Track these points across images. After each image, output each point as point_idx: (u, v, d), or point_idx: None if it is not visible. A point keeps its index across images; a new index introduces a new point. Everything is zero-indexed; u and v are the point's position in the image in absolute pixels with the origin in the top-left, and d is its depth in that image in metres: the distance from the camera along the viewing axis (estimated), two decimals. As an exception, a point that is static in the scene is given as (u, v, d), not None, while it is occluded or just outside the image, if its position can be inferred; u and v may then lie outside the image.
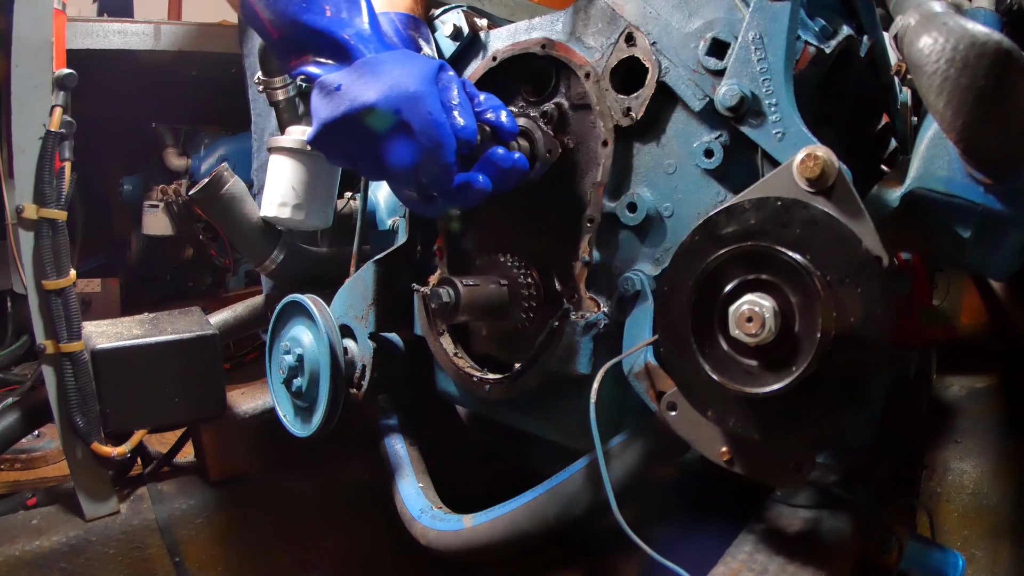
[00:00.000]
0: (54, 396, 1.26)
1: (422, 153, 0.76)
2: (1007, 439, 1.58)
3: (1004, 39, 0.62)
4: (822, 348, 0.60)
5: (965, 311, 1.74)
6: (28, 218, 1.21)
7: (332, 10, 0.79)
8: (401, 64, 0.77)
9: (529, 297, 0.96)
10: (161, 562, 1.33)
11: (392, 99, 0.74)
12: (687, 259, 0.69)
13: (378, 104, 0.74)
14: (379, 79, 0.75)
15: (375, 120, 0.76)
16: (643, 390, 0.80)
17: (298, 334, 1.14)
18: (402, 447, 1.19)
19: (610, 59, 0.87)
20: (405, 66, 0.77)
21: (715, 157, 0.79)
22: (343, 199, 1.42)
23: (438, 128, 0.76)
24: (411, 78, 0.75)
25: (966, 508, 1.52)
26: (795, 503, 1.05)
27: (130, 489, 1.40)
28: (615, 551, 1.47)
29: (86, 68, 1.30)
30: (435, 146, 0.76)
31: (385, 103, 0.74)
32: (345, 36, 0.79)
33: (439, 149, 0.76)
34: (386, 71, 0.76)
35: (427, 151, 0.76)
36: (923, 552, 1.07)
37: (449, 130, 0.77)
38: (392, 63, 0.77)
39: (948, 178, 0.75)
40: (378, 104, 0.74)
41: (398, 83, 0.75)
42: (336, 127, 0.77)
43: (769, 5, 0.72)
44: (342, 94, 0.76)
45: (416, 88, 0.75)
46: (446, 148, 0.77)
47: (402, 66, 0.77)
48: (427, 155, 0.76)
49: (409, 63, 0.78)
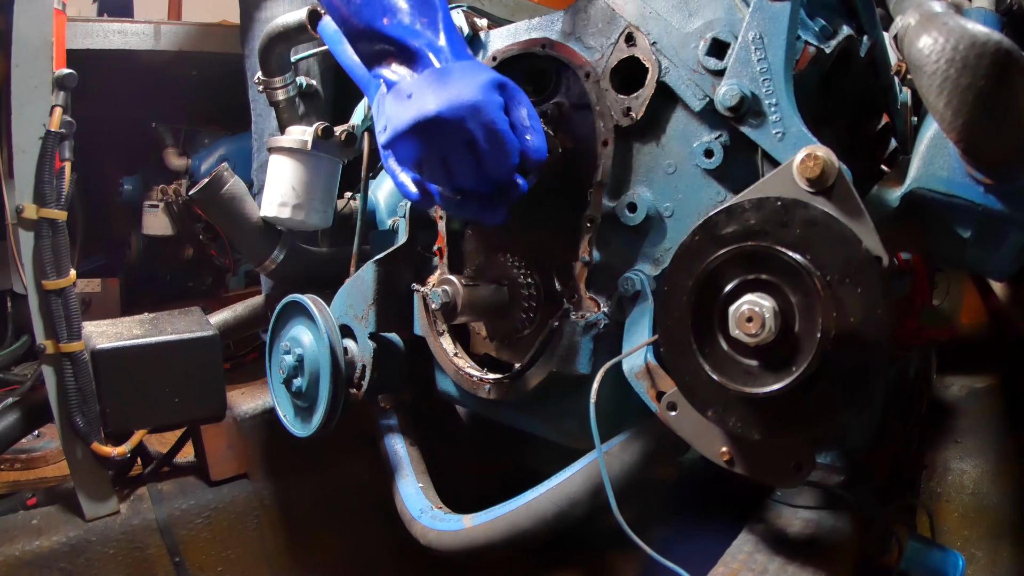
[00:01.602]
0: (54, 396, 1.26)
1: (484, 160, 0.80)
2: (1007, 439, 1.58)
3: (1004, 39, 0.62)
4: (822, 348, 0.60)
5: (965, 311, 1.74)
6: (28, 218, 1.21)
7: (409, 18, 0.80)
8: (468, 75, 0.79)
9: (529, 297, 0.96)
10: (161, 562, 1.33)
11: (456, 109, 0.77)
12: (687, 259, 0.69)
13: (443, 114, 0.77)
14: (446, 89, 0.77)
15: (441, 129, 0.78)
16: (643, 390, 0.80)
17: (298, 334, 1.14)
18: (402, 447, 1.19)
19: (610, 59, 0.87)
20: (471, 77, 0.78)
21: (715, 157, 0.79)
22: (343, 199, 1.42)
23: (502, 136, 0.78)
24: (475, 89, 0.77)
25: (966, 508, 1.51)
26: (795, 503, 1.05)
27: (130, 489, 1.40)
28: (615, 551, 1.47)
29: (86, 68, 1.30)
30: (497, 153, 0.79)
31: (449, 113, 0.77)
32: (416, 45, 0.80)
33: (501, 157, 0.79)
34: (453, 82, 0.78)
35: (489, 158, 0.79)
36: (923, 552, 1.07)
37: (511, 138, 0.79)
38: (460, 73, 0.79)
39: (948, 178, 0.74)
40: (443, 114, 0.77)
41: (462, 93, 0.77)
42: (405, 135, 0.80)
43: (769, 5, 0.72)
44: (411, 103, 0.79)
45: (480, 98, 0.77)
46: (508, 156, 0.80)
47: (469, 77, 0.78)
48: (490, 162, 0.80)
49: (475, 74, 0.79)
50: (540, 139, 0.83)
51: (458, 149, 0.79)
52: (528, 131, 0.82)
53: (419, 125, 0.78)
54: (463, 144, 0.79)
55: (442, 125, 0.77)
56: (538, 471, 0.96)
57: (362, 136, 1.28)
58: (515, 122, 0.81)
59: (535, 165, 0.83)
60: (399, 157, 0.85)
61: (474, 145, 0.78)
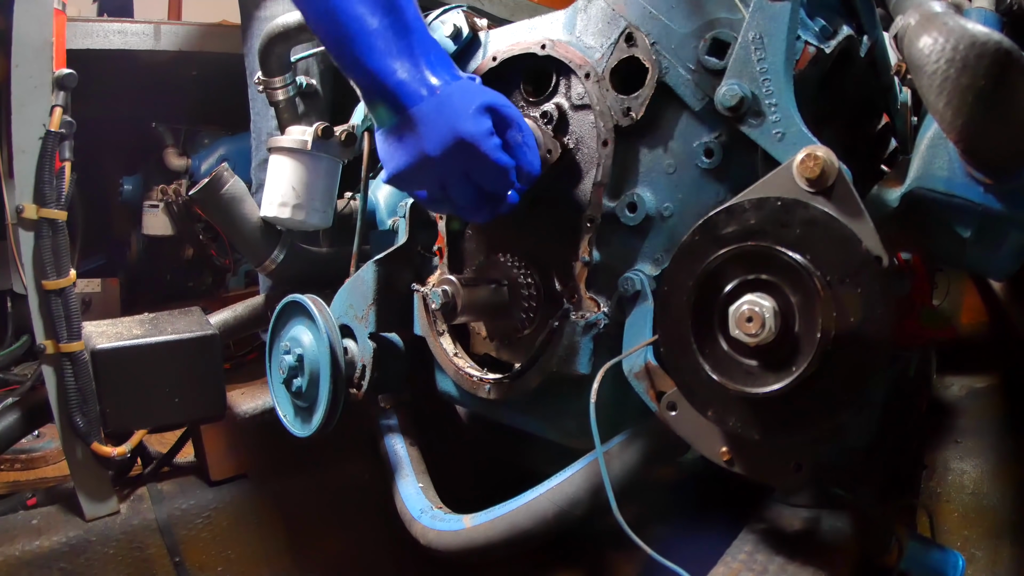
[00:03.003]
0: (54, 396, 1.26)
1: (482, 184, 0.82)
2: (1007, 439, 1.58)
3: (1004, 39, 0.62)
4: (822, 348, 0.60)
5: (965, 311, 1.74)
6: (28, 218, 1.21)
7: (385, 54, 0.78)
8: (455, 107, 0.78)
9: (529, 297, 0.96)
10: (161, 562, 1.33)
11: (446, 148, 0.78)
12: (687, 259, 0.69)
13: (434, 155, 0.79)
14: (434, 128, 0.78)
15: (435, 167, 0.80)
16: (643, 390, 0.80)
17: (298, 334, 1.14)
18: (402, 447, 1.19)
19: (610, 59, 0.87)
20: (458, 109, 0.78)
21: (715, 157, 0.79)
22: (343, 199, 1.42)
23: (494, 164, 0.80)
24: (463, 123, 0.78)
25: (966, 508, 1.51)
26: (795, 503, 1.05)
27: (130, 489, 1.40)
28: (615, 551, 1.47)
29: (86, 68, 1.30)
30: (493, 179, 0.82)
31: (441, 153, 0.79)
32: (396, 82, 0.78)
33: (496, 181, 0.82)
34: (440, 119, 0.78)
35: (486, 183, 0.82)
36: (923, 552, 1.07)
37: (505, 161, 0.81)
38: (446, 107, 0.78)
39: (948, 178, 0.74)
40: (434, 155, 0.79)
41: (451, 130, 0.78)
42: (404, 175, 0.83)
43: (769, 5, 0.72)
44: (403, 146, 0.81)
45: (468, 132, 0.78)
46: (504, 177, 0.82)
47: (455, 109, 0.78)
48: (487, 185, 0.83)
49: (462, 104, 0.79)
50: (533, 155, 0.85)
51: (455, 179, 0.82)
52: (520, 148, 0.83)
53: (414, 167, 0.81)
54: (460, 175, 0.81)
55: (435, 164, 0.80)
56: (538, 471, 0.96)
57: (362, 136, 1.28)
58: (508, 141, 0.82)
59: (529, 180, 0.85)
60: (404, 190, 0.90)
61: (468, 175, 0.81)
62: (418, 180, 0.84)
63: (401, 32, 0.78)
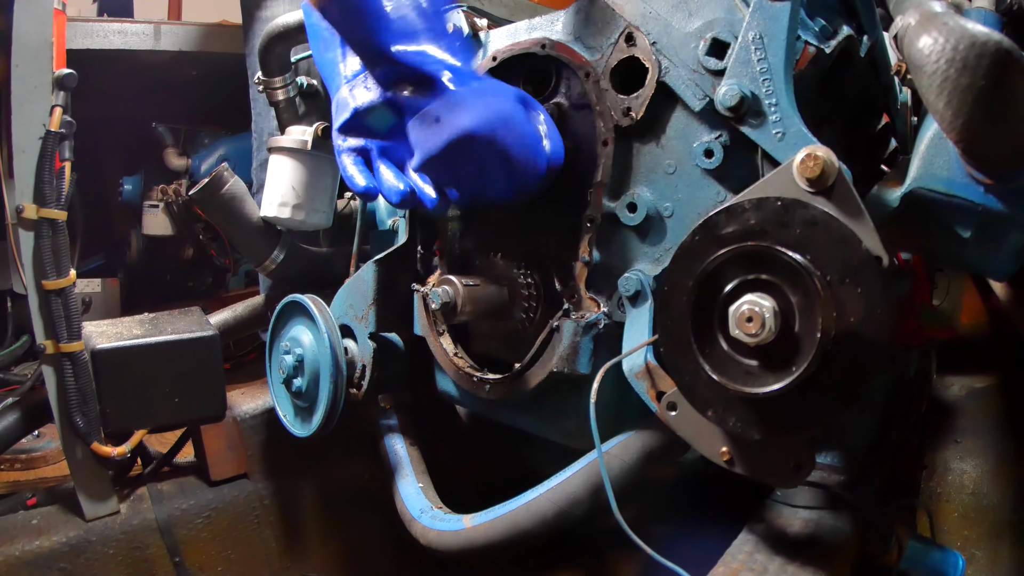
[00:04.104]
0: (54, 396, 1.26)
1: (515, 169, 0.83)
2: (1007, 439, 1.58)
3: (1004, 39, 0.62)
4: (822, 348, 0.60)
5: (965, 311, 1.74)
6: (28, 218, 1.21)
7: (423, 42, 0.82)
8: (492, 91, 0.83)
9: (529, 297, 0.96)
10: (161, 562, 1.33)
11: (488, 124, 0.80)
12: (687, 259, 0.69)
13: (476, 130, 0.80)
14: (474, 107, 0.81)
15: (476, 145, 0.81)
16: (643, 390, 0.80)
17: (298, 334, 1.14)
18: (402, 447, 1.19)
19: (610, 59, 0.87)
20: (495, 93, 0.83)
21: (715, 157, 0.79)
22: (343, 199, 1.42)
23: (533, 145, 0.83)
24: (503, 103, 0.82)
25: (966, 508, 1.51)
26: (795, 503, 1.05)
27: (130, 489, 1.40)
28: (615, 551, 1.47)
29: (86, 68, 1.30)
30: (529, 162, 0.84)
31: (483, 128, 0.80)
32: (433, 70, 0.82)
33: (531, 165, 0.84)
34: (479, 99, 0.81)
35: (521, 166, 0.83)
36: (923, 552, 1.07)
37: (541, 147, 0.85)
38: (483, 91, 0.83)
39: (948, 178, 0.74)
40: (476, 130, 0.80)
41: (490, 109, 0.81)
42: (440, 156, 0.83)
43: (769, 5, 0.72)
44: (441, 126, 0.81)
45: (509, 112, 0.81)
46: (538, 163, 0.85)
47: (493, 93, 0.83)
48: (521, 169, 0.84)
49: (498, 89, 0.84)
50: (559, 144, 0.87)
51: (493, 161, 0.82)
52: (548, 138, 0.86)
53: (454, 144, 0.81)
54: (497, 156, 0.82)
55: (477, 141, 0.80)
56: (538, 471, 0.97)
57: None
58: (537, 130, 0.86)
59: (555, 171, 0.87)
60: (433, 176, 0.89)
61: (507, 155, 0.82)
62: (453, 163, 0.84)
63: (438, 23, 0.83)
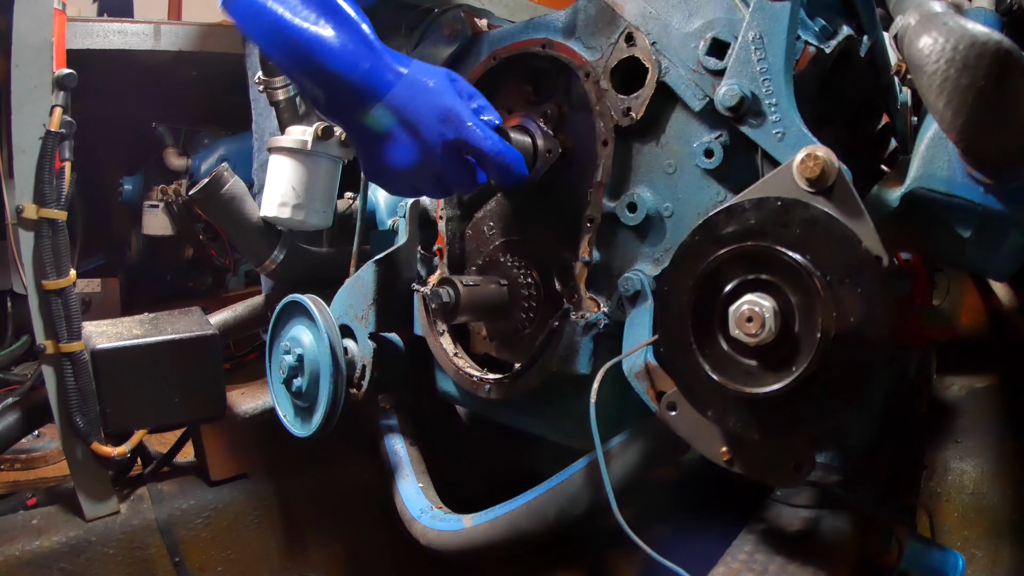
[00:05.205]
0: (54, 396, 1.26)
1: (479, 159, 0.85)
2: (1007, 439, 1.58)
3: (1004, 39, 0.62)
4: (822, 348, 0.60)
5: (965, 311, 1.74)
6: (28, 218, 1.21)
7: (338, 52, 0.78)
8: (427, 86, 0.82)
9: (529, 297, 0.96)
10: (161, 562, 1.33)
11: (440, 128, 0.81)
12: (687, 259, 0.69)
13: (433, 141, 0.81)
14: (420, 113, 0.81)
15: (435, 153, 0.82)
16: (643, 390, 0.80)
17: (298, 334, 1.14)
18: (402, 447, 1.19)
19: (610, 59, 0.87)
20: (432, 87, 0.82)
21: (715, 157, 0.79)
22: (343, 199, 1.42)
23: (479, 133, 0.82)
24: (443, 98, 0.81)
25: (966, 508, 1.51)
26: (795, 503, 1.05)
27: (130, 489, 1.40)
28: (615, 551, 1.47)
29: (86, 68, 1.29)
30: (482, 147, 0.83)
31: (438, 134, 0.81)
32: (357, 76, 0.79)
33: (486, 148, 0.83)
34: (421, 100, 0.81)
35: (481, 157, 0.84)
36: (923, 552, 1.07)
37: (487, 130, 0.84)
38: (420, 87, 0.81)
39: (948, 178, 0.74)
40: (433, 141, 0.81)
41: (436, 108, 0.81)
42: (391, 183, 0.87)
43: (769, 5, 0.72)
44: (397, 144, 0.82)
45: (451, 105, 0.81)
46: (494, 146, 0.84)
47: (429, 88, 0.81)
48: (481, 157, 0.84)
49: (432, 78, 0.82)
50: (497, 116, 0.87)
51: (451, 158, 0.83)
52: (487, 110, 0.86)
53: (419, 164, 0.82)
54: (453, 151, 0.82)
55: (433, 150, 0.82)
56: (538, 471, 0.97)
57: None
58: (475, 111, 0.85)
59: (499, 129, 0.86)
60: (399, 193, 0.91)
61: (461, 148, 0.82)
62: (421, 175, 0.84)
63: (349, 30, 0.79)
